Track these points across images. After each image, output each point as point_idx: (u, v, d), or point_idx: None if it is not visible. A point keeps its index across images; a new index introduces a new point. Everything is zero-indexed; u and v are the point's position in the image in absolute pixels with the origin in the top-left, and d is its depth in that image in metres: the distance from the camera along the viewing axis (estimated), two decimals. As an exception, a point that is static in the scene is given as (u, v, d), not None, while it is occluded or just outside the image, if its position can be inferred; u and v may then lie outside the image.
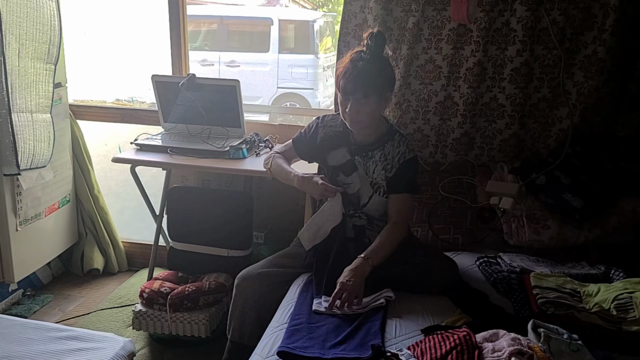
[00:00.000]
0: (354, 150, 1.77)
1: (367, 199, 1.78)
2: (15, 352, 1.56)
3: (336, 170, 1.79)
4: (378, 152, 1.75)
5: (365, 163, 1.76)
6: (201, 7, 6.24)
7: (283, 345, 1.36)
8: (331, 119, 1.85)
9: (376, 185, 1.76)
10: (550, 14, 2.05)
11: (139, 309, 2.11)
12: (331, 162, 1.80)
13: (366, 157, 1.76)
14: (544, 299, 1.54)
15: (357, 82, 1.61)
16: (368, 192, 1.77)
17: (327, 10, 7.15)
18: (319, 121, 1.86)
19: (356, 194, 1.78)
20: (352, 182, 1.78)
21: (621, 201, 1.98)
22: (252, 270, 1.77)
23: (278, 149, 1.94)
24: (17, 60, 2.09)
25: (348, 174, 1.77)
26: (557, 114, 2.18)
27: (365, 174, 1.76)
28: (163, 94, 2.43)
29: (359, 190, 1.78)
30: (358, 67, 1.62)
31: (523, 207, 2.02)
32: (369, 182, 1.77)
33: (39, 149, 2.26)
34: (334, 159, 1.79)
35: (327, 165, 1.81)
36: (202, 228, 2.36)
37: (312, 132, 1.86)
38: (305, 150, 1.89)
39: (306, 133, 1.88)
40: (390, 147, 1.75)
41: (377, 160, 1.75)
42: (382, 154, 1.75)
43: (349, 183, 1.78)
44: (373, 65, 1.64)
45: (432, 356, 1.25)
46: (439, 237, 2.07)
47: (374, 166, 1.75)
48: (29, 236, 2.38)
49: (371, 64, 1.63)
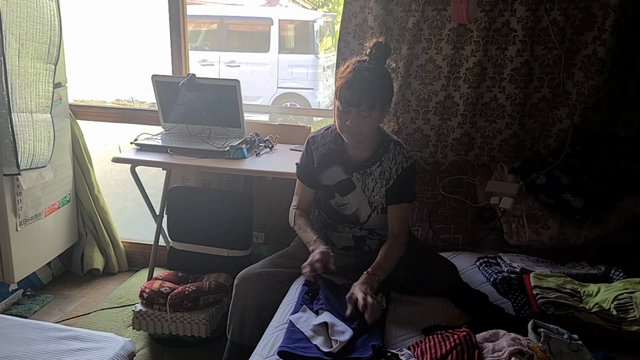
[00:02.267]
0: (350, 167, 1.70)
1: (366, 218, 1.74)
2: (15, 352, 1.56)
3: (330, 190, 1.73)
4: (377, 169, 1.69)
5: (364, 180, 1.70)
6: (201, 7, 6.24)
7: (283, 345, 1.36)
8: (321, 137, 1.76)
9: (374, 204, 1.71)
10: (550, 14, 2.05)
11: (139, 309, 2.11)
12: (325, 182, 1.74)
13: (365, 174, 1.70)
14: (544, 299, 1.54)
15: (364, 94, 1.52)
16: (366, 212, 1.72)
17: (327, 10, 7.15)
18: (310, 144, 1.77)
19: (354, 214, 1.74)
20: (348, 202, 1.72)
21: (621, 201, 1.98)
22: (252, 270, 1.77)
23: (295, 202, 1.81)
24: (17, 60, 2.09)
25: (344, 194, 1.72)
26: (557, 114, 2.18)
27: (363, 192, 1.70)
28: (163, 94, 2.43)
29: (357, 210, 1.73)
30: (364, 78, 1.54)
31: (523, 207, 2.02)
32: (366, 201, 1.71)
33: (39, 149, 2.26)
34: (328, 177, 1.73)
35: (321, 185, 1.75)
36: (202, 228, 2.36)
37: (307, 158, 1.77)
38: (310, 179, 1.78)
39: (303, 162, 1.79)
40: (387, 161, 1.69)
41: (377, 177, 1.69)
42: (381, 170, 1.69)
43: (346, 203, 1.73)
44: (378, 76, 1.56)
45: (432, 356, 1.25)
46: (439, 237, 2.07)
47: (373, 184, 1.69)
48: (29, 236, 2.38)
49: (375, 75, 1.56)
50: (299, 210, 1.80)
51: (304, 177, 1.79)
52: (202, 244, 2.38)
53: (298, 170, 1.81)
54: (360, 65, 1.57)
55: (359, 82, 1.53)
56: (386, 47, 1.58)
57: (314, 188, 1.79)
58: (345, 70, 1.58)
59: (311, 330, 1.41)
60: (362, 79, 1.54)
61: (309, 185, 1.79)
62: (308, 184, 1.79)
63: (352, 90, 1.53)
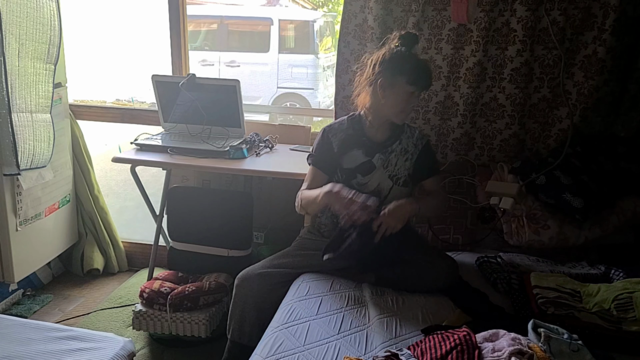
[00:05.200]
0: (371, 149, 1.79)
1: (387, 191, 1.80)
2: (15, 352, 1.56)
3: (352, 172, 1.79)
4: (398, 146, 1.81)
5: (387, 158, 1.79)
6: (201, 7, 6.23)
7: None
8: (338, 125, 1.84)
9: (395, 177, 1.80)
10: (550, 14, 2.05)
11: (139, 309, 2.11)
12: (346, 165, 1.79)
13: (387, 152, 1.80)
14: (544, 299, 1.54)
15: (429, 75, 1.72)
16: (388, 185, 1.80)
17: (327, 10, 7.14)
18: (327, 132, 1.83)
19: (376, 189, 1.80)
20: (369, 181, 1.79)
21: (621, 201, 1.98)
22: (252, 270, 1.77)
23: (303, 187, 1.84)
24: (17, 60, 2.09)
25: (365, 174, 1.79)
26: (557, 114, 2.18)
27: (384, 169, 1.79)
28: (163, 94, 2.43)
29: (378, 186, 1.80)
30: (424, 62, 1.72)
31: (523, 207, 2.02)
32: (387, 176, 1.79)
33: (39, 149, 2.26)
34: (349, 161, 1.79)
35: (342, 168, 1.80)
36: (202, 228, 2.36)
37: (326, 144, 1.82)
38: (327, 165, 1.82)
39: (320, 149, 1.83)
40: (406, 139, 1.82)
41: (398, 153, 1.80)
42: (401, 147, 1.81)
43: (366, 182, 1.79)
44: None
45: (432, 356, 1.24)
46: (439, 237, 2.07)
47: (395, 159, 1.80)
48: (29, 236, 2.38)
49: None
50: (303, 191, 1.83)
51: (320, 164, 1.83)
52: (202, 244, 2.38)
53: (313, 159, 1.84)
54: (406, 51, 1.69)
55: (425, 65, 1.71)
56: (415, 35, 1.74)
57: (329, 174, 1.83)
58: (394, 57, 1.68)
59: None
60: (425, 64, 1.72)
61: (325, 171, 1.82)
62: (324, 170, 1.82)
63: (422, 73, 1.68)
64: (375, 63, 1.71)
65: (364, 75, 1.76)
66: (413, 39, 1.71)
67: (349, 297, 1.65)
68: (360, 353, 1.38)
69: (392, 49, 1.70)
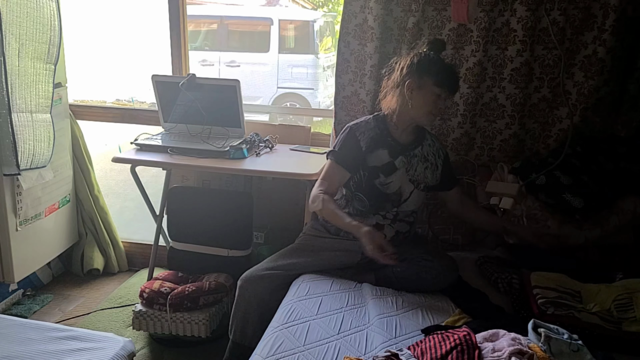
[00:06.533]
0: (395, 151, 1.80)
1: (408, 194, 1.83)
2: (15, 352, 1.56)
3: (376, 170, 1.80)
4: (420, 151, 1.85)
5: (410, 162, 1.82)
6: (201, 7, 6.23)
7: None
8: (365, 123, 1.84)
9: (417, 181, 1.83)
10: (550, 14, 2.05)
11: (139, 309, 2.11)
12: (371, 163, 1.80)
13: (409, 155, 1.83)
14: (544, 299, 1.54)
15: (457, 80, 1.77)
16: (409, 188, 1.83)
17: (327, 10, 7.14)
18: (354, 130, 1.82)
19: (397, 192, 1.81)
20: (391, 182, 1.80)
21: (621, 201, 1.98)
22: (255, 271, 1.77)
23: (322, 187, 1.80)
24: (17, 60, 2.09)
25: (388, 174, 1.80)
26: (557, 114, 2.18)
27: (406, 172, 1.82)
28: (163, 94, 2.43)
29: (400, 188, 1.82)
30: (452, 67, 1.81)
31: (523, 207, 2.02)
32: (408, 179, 1.82)
33: (39, 149, 2.26)
34: (374, 160, 1.80)
35: (366, 166, 1.80)
36: (202, 228, 2.36)
37: (352, 142, 1.81)
38: (351, 163, 1.81)
39: (346, 146, 1.81)
40: (427, 146, 1.87)
41: (419, 159, 1.84)
42: (422, 154, 1.85)
43: (389, 182, 1.80)
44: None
45: (432, 356, 1.24)
46: (439, 238, 2.07)
47: (416, 164, 1.84)
48: (29, 236, 2.38)
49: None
50: (327, 196, 1.78)
51: (344, 161, 1.80)
52: (202, 244, 2.38)
53: (336, 156, 1.82)
54: (435, 56, 1.75)
55: (452, 70, 1.78)
56: (443, 41, 1.84)
57: (352, 172, 1.82)
58: (422, 60, 1.72)
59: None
60: (453, 68, 1.81)
61: (347, 168, 1.80)
62: (347, 168, 1.80)
63: (453, 77, 1.75)
64: (403, 66, 1.75)
65: (391, 78, 1.79)
66: (441, 45, 1.78)
67: (349, 297, 1.65)
68: (360, 353, 1.37)
69: (420, 53, 1.74)
